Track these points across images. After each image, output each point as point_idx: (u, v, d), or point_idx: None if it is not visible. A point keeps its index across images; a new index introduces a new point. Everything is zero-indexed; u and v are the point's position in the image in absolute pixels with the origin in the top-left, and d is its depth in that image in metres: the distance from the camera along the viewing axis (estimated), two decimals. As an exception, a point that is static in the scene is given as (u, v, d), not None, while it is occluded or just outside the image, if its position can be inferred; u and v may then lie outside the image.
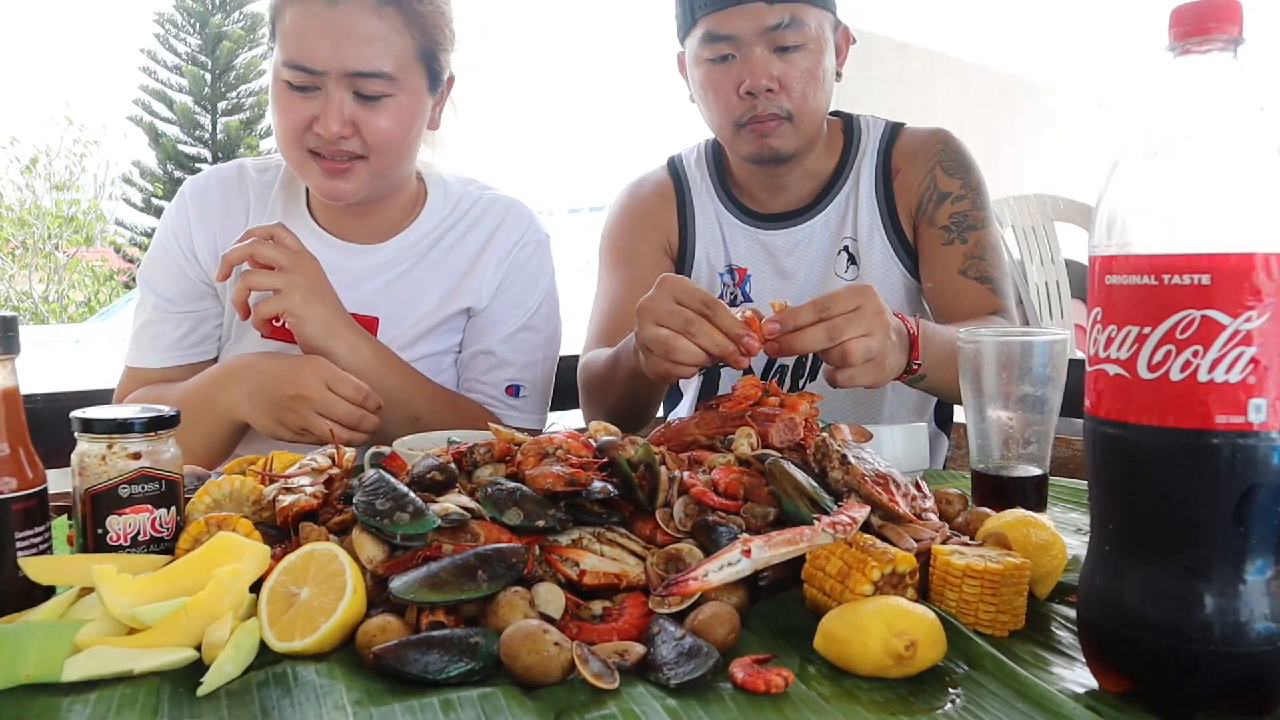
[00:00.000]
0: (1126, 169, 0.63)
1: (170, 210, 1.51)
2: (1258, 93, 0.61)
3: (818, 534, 0.76)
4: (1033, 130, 6.40)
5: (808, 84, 1.48)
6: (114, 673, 0.68)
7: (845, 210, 1.62)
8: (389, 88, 1.33)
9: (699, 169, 1.70)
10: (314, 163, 1.35)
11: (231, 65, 19.47)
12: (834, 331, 1.11)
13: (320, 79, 1.31)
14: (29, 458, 0.78)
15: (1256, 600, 0.59)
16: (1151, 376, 0.60)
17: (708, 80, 1.50)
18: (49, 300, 17.80)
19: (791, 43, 1.45)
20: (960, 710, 0.64)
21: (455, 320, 1.51)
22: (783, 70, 1.46)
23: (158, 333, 1.49)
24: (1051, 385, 1.00)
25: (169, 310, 1.49)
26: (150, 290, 1.50)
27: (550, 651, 0.66)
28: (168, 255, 1.49)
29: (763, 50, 1.45)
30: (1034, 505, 0.99)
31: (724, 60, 1.48)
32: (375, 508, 0.79)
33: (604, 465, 0.87)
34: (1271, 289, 0.58)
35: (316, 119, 1.31)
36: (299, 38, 1.30)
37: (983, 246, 1.53)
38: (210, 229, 1.48)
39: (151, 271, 1.51)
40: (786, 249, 1.63)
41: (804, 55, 1.47)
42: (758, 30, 1.44)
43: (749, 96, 1.46)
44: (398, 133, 1.36)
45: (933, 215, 1.56)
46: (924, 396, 1.64)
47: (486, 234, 1.51)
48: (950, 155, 1.59)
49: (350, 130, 1.32)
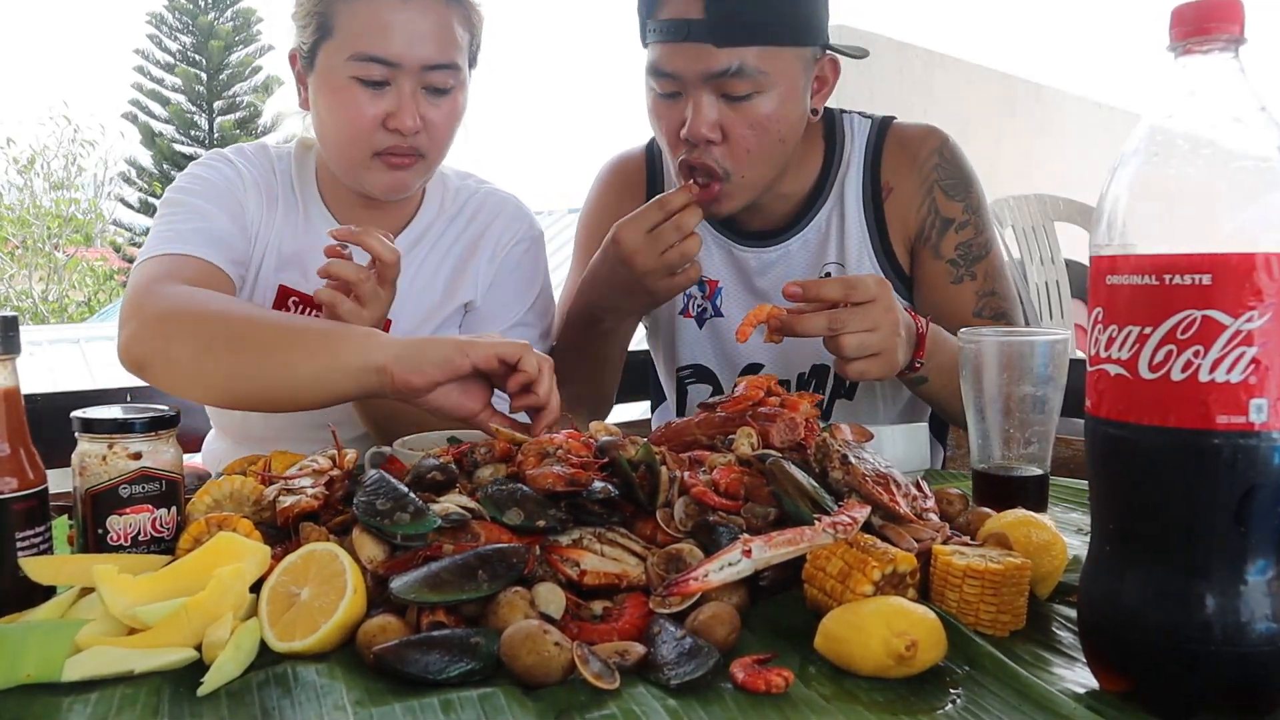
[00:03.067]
0: (1127, 169, 0.63)
1: (215, 163, 1.41)
2: (1259, 92, 0.61)
3: (818, 534, 0.76)
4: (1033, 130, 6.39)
5: (756, 137, 1.30)
6: (114, 673, 0.68)
7: (827, 231, 1.49)
8: (454, 80, 1.32)
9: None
10: (378, 162, 1.32)
11: (225, 64, 19.44)
12: (835, 322, 1.11)
13: (394, 72, 1.27)
14: (29, 458, 0.78)
15: (1257, 600, 0.59)
16: (1152, 377, 0.60)
17: (654, 111, 1.37)
18: (49, 300, 17.80)
19: (743, 92, 1.27)
20: (961, 710, 0.64)
21: (457, 316, 1.51)
22: (728, 120, 1.29)
23: (204, 225, 1.30)
24: (1052, 385, 1.00)
25: (227, 226, 1.34)
26: (207, 202, 1.34)
27: (550, 652, 0.66)
28: (225, 186, 1.38)
29: (709, 96, 1.28)
30: (1035, 505, 0.99)
31: (669, 97, 1.33)
32: (376, 508, 0.79)
33: (604, 465, 0.87)
34: (1273, 289, 0.58)
35: (388, 116, 1.28)
36: (374, 28, 1.27)
37: (991, 278, 1.45)
38: (258, 194, 1.41)
39: (202, 192, 1.35)
40: (760, 268, 1.51)
41: (758, 104, 1.29)
42: (700, 74, 1.27)
43: (687, 143, 1.32)
44: (451, 128, 1.36)
45: (937, 245, 1.45)
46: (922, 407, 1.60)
47: (481, 228, 1.51)
48: (948, 171, 1.46)
49: (421, 125, 1.30)
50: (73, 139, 18.79)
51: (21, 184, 18.44)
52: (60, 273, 18.15)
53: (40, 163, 18.51)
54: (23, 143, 26.57)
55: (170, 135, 19.40)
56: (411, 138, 1.30)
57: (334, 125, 1.33)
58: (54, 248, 18.15)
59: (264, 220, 1.41)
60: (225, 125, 19.35)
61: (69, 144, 18.75)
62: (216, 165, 1.40)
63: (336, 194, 1.45)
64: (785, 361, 1.52)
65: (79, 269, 18.21)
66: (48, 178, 18.61)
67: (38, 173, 18.52)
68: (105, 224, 19.29)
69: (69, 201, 18.56)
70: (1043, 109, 6.60)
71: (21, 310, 16.88)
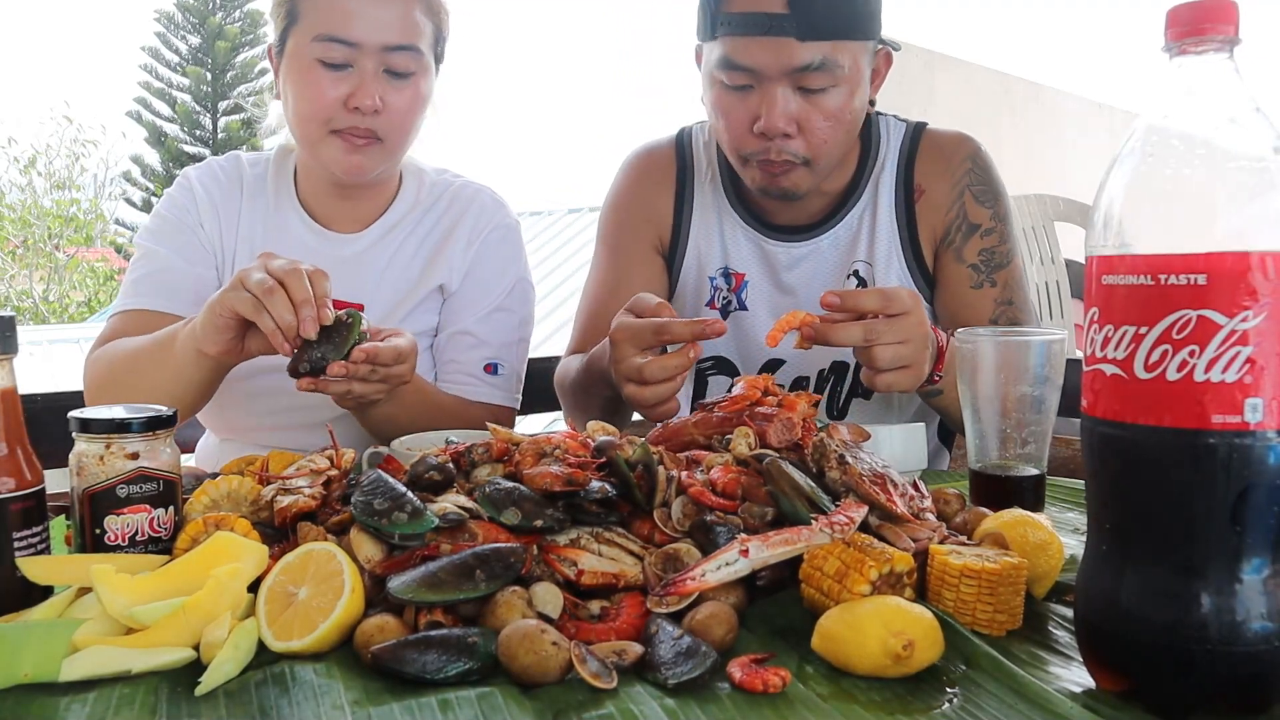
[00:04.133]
0: (1123, 169, 0.63)
1: (173, 191, 1.52)
2: (1254, 93, 0.61)
3: (815, 534, 0.76)
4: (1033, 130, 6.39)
5: (831, 128, 1.33)
6: (112, 672, 0.68)
7: (858, 230, 1.50)
8: (415, 65, 1.37)
9: (706, 154, 1.58)
10: (336, 139, 1.37)
11: (231, 64, 19.45)
12: (871, 333, 1.11)
13: (354, 53, 1.33)
14: (27, 458, 0.78)
15: (1253, 599, 0.59)
16: (1148, 376, 0.60)
17: (719, 105, 1.37)
18: (49, 300, 17.80)
19: (820, 85, 1.29)
20: (958, 710, 0.65)
21: (431, 300, 1.54)
22: (805, 113, 1.31)
23: (164, 280, 1.44)
24: (1049, 385, 1.00)
25: (176, 264, 1.45)
26: (157, 244, 1.47)
27: (548, 651, 0.67)
28: (176, 219, 1.48)
29: (785, 90, 1.29)
30: (1032, 505, 0.99)
31: (741, 89, 1.32)
32: (373, 507, 0.79)
33: (602, 465, 0.87)
34: (1267, 289, 0.58)
35: (349, 96, 1.34)
36: (335, 11, 1.33)
37: (1010, 288, 1.46)
38: (215, 211, 1.50)
39: (158, 232, 1.48)
40: (789, 263, 1.52)
41: (832, 97, 1.31)
42: (783, 68, 1.28)
43: (762, 137, 1.33)
44: (413, 115, 1.41)
45: (961, 249, 1.46)
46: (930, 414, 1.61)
47: (456, 216, 1.55)
48: (980, 178, 1.48)
49: (381, 106, 1.35)
50: (74, 139, 18.81)
51: (23, 184, 18.46)
52: (61, 273, 18.15)
53: (42, 162, 18.52)
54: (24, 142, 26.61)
55: (176, 135, 19.40)
56: (370, 118, 1.35)
57: (296, 105, 1.39)
58: (55, 248, 18.15)
59: (226, 226, 1.49)
60: (232, 126, 19.35)
61: (70, 144, 18.77)
62: (174, 196, 1.52)
63: (312, 190, 1.51)
64: (806, 357, 1.52)
65: (80, 269, 18.22)
66: (49, 178, 18.62)
67: (39, 172, 18.53)
68: (106, 224, 19.30)
69: (70, 201, 18.57)
70: (1043, 109, 6.60)
71: (22, 310, 16.89)
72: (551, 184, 10.84)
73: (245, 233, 1.50)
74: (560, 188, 10.25)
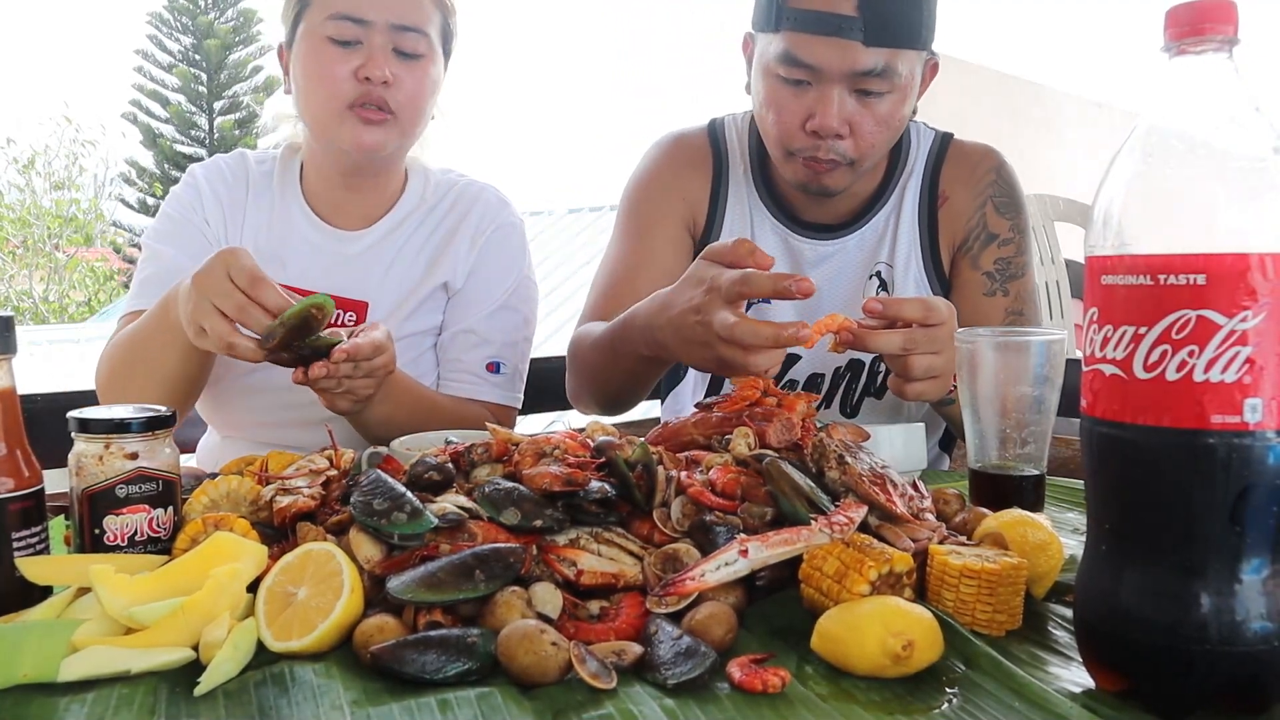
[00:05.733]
0: (1122, 169, 0.63)
1: (179, 189, 1.54)
2: (1253, 93, 0.61)
3: (815, 534, 0.76)
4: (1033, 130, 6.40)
5: (880, 133, 1.35)
6: (111, 673, 0.68)
7: (884, 232, 1.51)
8: (424, 47, 1.41)
9: (740, 146, 1.56)
10: (350, 117, 1.39)
11: (224, 64, 19.42)
12: (910, 342, 1.11)
13: (364, 31, 1.37)
14: (26, 458, 0.78)
15: (1252, 599, 0.59)
16: (1147, 376, 0.60)
17: (772, 98, 1.37)
18: (49, 300, 17.80)
19: (878, 90, 1.31)
20: (957, 710, 0.65)
21: (435, 298, 1.54)
22: (858, 115, 1.32)
23: (172, 281, 1.40)
24: (1049, 385, 1.00)
25: (182, 263, 1.43)
26: (164, 243, 1.49)
27: (547, 651, 0.67)
28: (182, 218, 1.50)
29: (842, 91, 1.30)
30: (1031, 505, 0.99)
31: (797, 85, 1.33)
32: (372, 507, 0.79)
33: (601, 465, 0.87)
34: (1267, 289, 0.58)
35: (359, 68, 1.37)
36: None
37: (1022, 300, 1.48)
38: (220, 208, 1.51)
39: (164, 231, 1.50)
40: (814, 260, 1.52)
41: (885, 102, 1.33)
42: (845, 70, 1.29)
43: (814, 135, 1.33)
44: (423, 95, 1.43)
45: (977, 256, 1.49)
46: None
47: (460, 215, 1.56)
48: (1003, 190, 1.50)
49: (390, 78, 1.38)
50: (73, 139, 18.81)
51: (22, 184, 18.44)
52: (61, 273, 18.14)
53: (41, 163, 18.51)
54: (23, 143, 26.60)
55: (171, 135, 19.38)
56: (382, 89, 1.38)
57: (308, 85, 1.41)
58: (54, 248, 18.15)
59: (231, 223, 1.51)
60: (226, 126, 19.34)
61: (70, 144, 18.77)
62: (180, 194, 1.53)
63: (318, 187, 1.52)
64: (823, 355, 1.51)
65: (79, 269, 18.21)
66: (48, 178, 18.61)
67: (38, 173, 18.52)
68: (105, 224, 19.28)
69: (69, 202, 18.55)
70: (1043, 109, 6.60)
71: (22, 310, 16.89)
72: (551, 184, 10.84)
73: (251, 230, 1.51)
74: (560, 188, 10.25)
